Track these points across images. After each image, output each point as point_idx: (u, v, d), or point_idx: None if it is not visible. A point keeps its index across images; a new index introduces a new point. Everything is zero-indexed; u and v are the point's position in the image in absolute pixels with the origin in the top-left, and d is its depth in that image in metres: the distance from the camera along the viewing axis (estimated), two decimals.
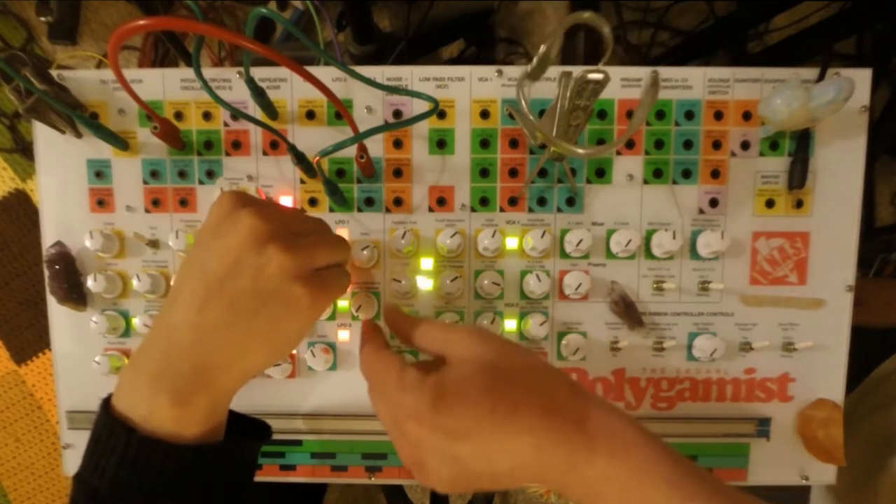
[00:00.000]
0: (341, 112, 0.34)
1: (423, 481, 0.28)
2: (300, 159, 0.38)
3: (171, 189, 0.42)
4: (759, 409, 0.43)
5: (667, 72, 0.40)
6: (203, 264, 0.29)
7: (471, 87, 0.41)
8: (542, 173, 0.41)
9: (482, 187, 0.41)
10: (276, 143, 0.41)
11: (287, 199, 0.42)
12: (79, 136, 0.41)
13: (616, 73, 0.40)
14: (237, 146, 0.41)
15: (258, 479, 0.39)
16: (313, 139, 0.41)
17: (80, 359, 0.43)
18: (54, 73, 0.40)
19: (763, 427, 0.43)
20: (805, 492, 0.56)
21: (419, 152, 0.41)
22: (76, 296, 0.42)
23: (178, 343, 0.28)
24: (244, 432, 0.34)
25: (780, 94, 0.36)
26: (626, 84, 0.41)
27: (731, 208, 0.41)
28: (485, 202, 0.41)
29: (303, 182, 0.42)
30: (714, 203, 0.41)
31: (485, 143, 0.41)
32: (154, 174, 0.42)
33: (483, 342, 0.29)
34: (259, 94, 0.38)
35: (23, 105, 0.37)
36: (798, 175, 0.40)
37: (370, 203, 0.42)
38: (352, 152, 0.39)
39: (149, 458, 0.27)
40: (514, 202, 0.41)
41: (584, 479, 0.26)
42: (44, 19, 1.05)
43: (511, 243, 0.41)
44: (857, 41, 1.02)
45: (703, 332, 0.42)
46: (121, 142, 0.41)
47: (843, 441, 0.41)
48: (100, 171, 0.42)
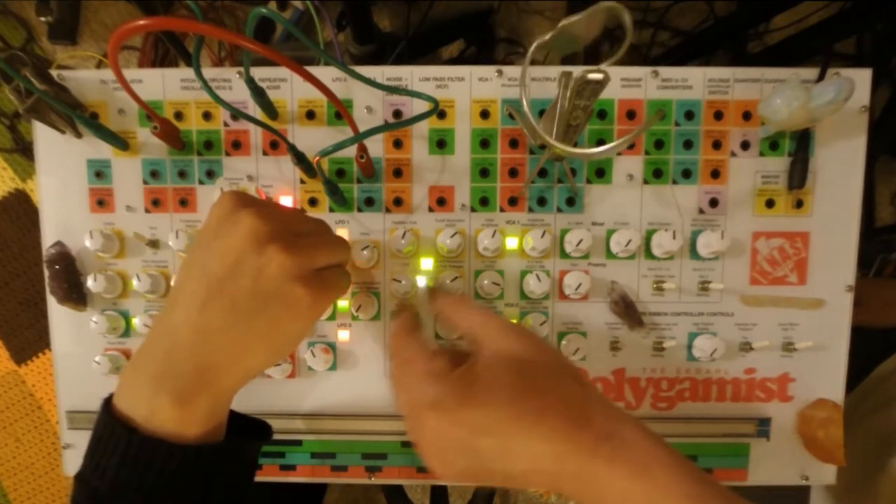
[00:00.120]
0: (341, 112, 0.34)
1: (433, 466, 0.28)
2: (300, 159, 0.38)
3: (171, 189, 0.42)
4: (759, 409, 0.43)
5: (667, 72, 0.40)
6: (203, 265, 0.29)
7: (471, 87, 0.41)
8: (542, 173, 0.41)
9: (482, 187, 0.41)
10: (276, 143, 0.41)
11: (287, 199, 0.42)
12: (79, 136, 0.41)
13: (616, 73, 0.40)
14: (237, 146, 0.41)
15: (258, 479, 0.39)
16: (313, 139, 0.41)
17: (80, 359, 0.43)
18: (54, 73, 0.40)
19: (763, 427, 0.43)
20: (805, 492, 0.56)
21: (419, 152, 0.41)
22: (76, 296, 0.42)
23: (179, 343, 0.28)
24: (245, 432, 0.34)
25: (780, 94, 0.36)
26: (626, 84, 0.41)
27: (731, 208, 0.41)
28: (485, 202, 0.41)
29: (303, 182, 0.42)
30: (714, 203, 0.41)
31: (485, 143, 0.41)
32: (154, 174, 0.42)
33: (518, 339, 0.29)
34: (259, 94, 0.38)
35: (23, 105, 0.37)
36: (798, 175, 0.40)
37: (370, 203, 0.42)
38: (352, 152, 0.39)
39: (150, 458, 0.27)
40: (514, 202, 0.41)
41: (601, 493, 0.26)
42: (44, 19, 1.05)
43: (511, 243, 0.41)
44: (857, 41, 1.02)
45: (703, 332, 0.42)
46: (121, 142, 0.41)
47: (843, 441, 0.41)
48: (100, 171, 0.42)
